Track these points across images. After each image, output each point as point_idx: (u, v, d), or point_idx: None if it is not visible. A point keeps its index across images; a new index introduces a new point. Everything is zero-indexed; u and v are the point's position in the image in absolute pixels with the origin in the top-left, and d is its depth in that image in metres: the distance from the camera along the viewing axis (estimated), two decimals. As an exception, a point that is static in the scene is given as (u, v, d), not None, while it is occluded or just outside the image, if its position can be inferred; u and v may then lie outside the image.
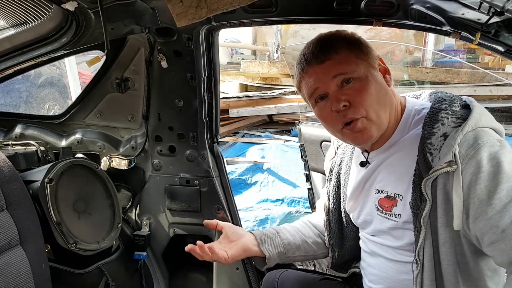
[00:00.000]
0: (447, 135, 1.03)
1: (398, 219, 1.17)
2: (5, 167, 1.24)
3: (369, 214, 1.28)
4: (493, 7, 0.94)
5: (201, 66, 1.57)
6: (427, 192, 1.03)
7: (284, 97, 6.12)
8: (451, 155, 0.98)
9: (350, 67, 1.10)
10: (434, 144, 1.04)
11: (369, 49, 1.16)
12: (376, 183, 1.23)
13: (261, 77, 6.62)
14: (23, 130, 1.81)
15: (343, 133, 1.15)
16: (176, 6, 1.05)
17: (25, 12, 1.27)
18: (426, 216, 1.05)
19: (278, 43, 7.05)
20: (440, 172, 1.00)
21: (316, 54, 1.12)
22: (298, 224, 1.55)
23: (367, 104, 1.09)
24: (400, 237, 1.19)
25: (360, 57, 1.12)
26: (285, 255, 1.43)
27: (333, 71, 1.10)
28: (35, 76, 6.78)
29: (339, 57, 1.10)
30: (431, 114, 1.09)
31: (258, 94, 6.16)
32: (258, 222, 3.73)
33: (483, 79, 6.09)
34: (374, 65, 1.14)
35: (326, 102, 1.14)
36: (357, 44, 1.14)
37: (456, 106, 1.09)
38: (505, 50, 1.19)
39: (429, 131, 1.06)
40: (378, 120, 1.11)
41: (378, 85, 1.11)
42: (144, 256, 1.82)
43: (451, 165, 0.98)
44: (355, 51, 1.12)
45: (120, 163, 1.77)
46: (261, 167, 4.49)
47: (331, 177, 1.46)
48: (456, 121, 1.04)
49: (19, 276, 1.19)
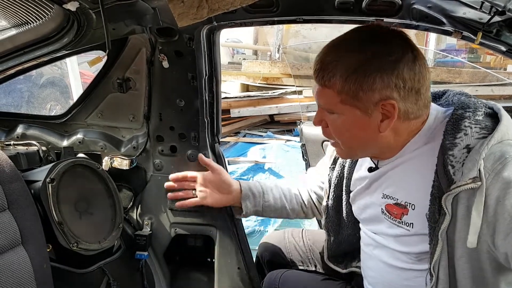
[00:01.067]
0: (470, 147, 0.97)
1: (410, 228, 1.13)
2: (7, 167, 1.24)
3: (374, 215, 1.25)
4: (495, 6, 0.93)
5: (202, 66, 1.57)
6: (447, 206, 0.98)
7: (286, 97, 6.12)
8: (476, 171, 0.93)
9: (334, 107, 1.06)
10: (456, 156, 0.98)
11: (374, 94, 1.00)
12: (384, 187, 1.19)
13: (262, 77, 6.62)
14: (25, 130, 1.82)
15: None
16: (177, 6, 1.05)
17: (26, 12, 1.27)
18: (444, 230, 1.00)
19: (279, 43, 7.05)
20: (463, 188, 0.95)
21: (317, 69, 1.06)
22: (286, 188, 1.63)
23: (340, 140, 1.11)
24: (407, 244, 1.16)
25: (347, 102, 1.03)
26: (260, 214, 1.60)
27: (319, 99, 1.10)
28: (36, 76, 6.80)
29: (328, 92, 1.04)
30: (453, 122, 1.02)
31: (259, 94, 6.16)
32: (260, 221, 3.72)
33: (485, 79, 6.08)
34: (368, 111, 1.03)
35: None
36: (355, 86, 1.01)
37: (480, 114, 1.01)
38: (506, 49, 1.19)
39: (451, 141, 0.99)
40: (349, 153, 1.13)
41: (360, 130, 1.06)
42: (145, 256, 1.82)
43: (475, 182, 0.92)
44: (344, 96, 1.02)
45: (121, 163, 1.77)
46: (262, 167, 4.49)
47: (334, 166, 1.42)
48: (480, 131, 0.98)
49: (21, 276, 1.19)
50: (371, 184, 1.24)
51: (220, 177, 1.62)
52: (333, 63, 1.02)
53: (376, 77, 0.99)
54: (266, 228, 3.69)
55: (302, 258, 1.73)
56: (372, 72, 0.99)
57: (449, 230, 1.00)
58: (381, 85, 0.99)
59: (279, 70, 6.67)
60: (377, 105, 1.01)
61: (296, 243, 1.77)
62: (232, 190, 1.60)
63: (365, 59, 1.00)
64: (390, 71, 0.99)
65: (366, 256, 1.34)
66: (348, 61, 1.01)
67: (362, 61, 1.00)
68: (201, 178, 1.65)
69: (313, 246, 1.73)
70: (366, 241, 1.33)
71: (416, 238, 1.13)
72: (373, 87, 0.99)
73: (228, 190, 1.60)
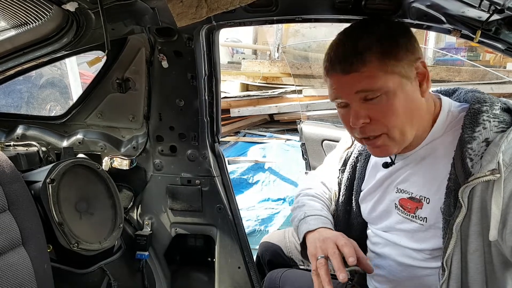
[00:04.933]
0: (489, 140, 0.96)
1: (423, 222, 1.12)
2: (7, 168, 1.25)
3: (386, 211, 1.24)
4: (494, 4, 0.93)
5: (201, 66, 1.58)
6: (464, 199, 0.97)
7: (285, 97, 6.12)
8: (495, 163, 0.92)
9: (377, 83, 0.97)
10: (475, 150, 0.97)
11: (408, 53, 1.00)
12: (398, 182, 1.18)
13: (262, 77, 6.62)
14: (25, 131, 1.82)
15: (362, 142, 1.10)
16: (176, 6, 1.05)
17: (26, 13, 1.27)
18: (459, 223, 0.99)
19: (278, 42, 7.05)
20: (481, 180, 0.94)
21: (341, 60, 0.98)
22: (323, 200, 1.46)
23: (391, 123, 1.00)
24: (421, 240, 1.15)
25: (392, 68, 0.97)
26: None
27: (357, 86, 0.98)
28: (36, 77, 6.79)
29: (366, 70, 0.96)
30: (472, 116, 1.00)
31: (259, 94, 6.16)
32: (260, 221, 3.73)
33: (484, 77, 6.08)
34: (409, 75, 1.00)
35: (348, 110, 1.05)
36: (393, 48, 0.98)
37: (497, 108, 1.00)
38: (505, 48, 1.19)
39: (470, 135, 0.98)
40: (401, 139, 1.03)
41: (408, 101, 1.00)
42: (146, 256, 1.83)
43: (494, 174, 0.92)
44: (388, 62, 0.97)
45: (121, 163, 1.77)
46: (262, 167, 4.49)
47: (344, 168, 1.40)
48: (498, 125, 0.97)
49: (22, 276, 1.19)
50: (384, 180, 1.23)
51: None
52: (359, 42, 0.98)
53: (405, 37, 1.01)
54: (266, 228, 3.70)
55: (302, 258, 1.73)
56: (400, 34, 1.01)
57: (463, 224, 0.99)
58: (411, 44, 1.01)
59: (278, 70, 6.67)
60: (413, 65, 1.01)
61: (297, 243, 1.77)
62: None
63: (387, 27, 1.01)
64: (410, 32, 1.03)
65: (374, 255, 1.32)
66: (374, 34, 1.00)
67: (386, 29, 1.01)
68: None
69: None
70: (374, 240, 1.32)
71: (429, 233, 1.12)
72: (407, 46, 1.00)
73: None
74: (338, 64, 0.99)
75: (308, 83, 6.37)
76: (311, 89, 6.13)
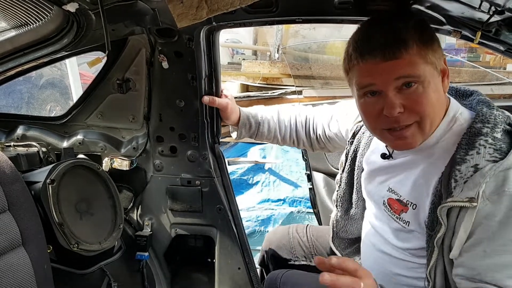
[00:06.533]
0: (478, 167, 0.95)
1: (406, 225, 1.15)
2: (7, 168, 1.24)
3: (376, 202, 1.28)
4: (494, 6, 0.94)
5: (202, 67, 1.58)
6: (443, 217, 0.99)
7: (285, 97, 6.11)
8: (475, 192, 0.93)
9: (418, 71, 0.97)
10: (462, 172, 0.97)
11: (440, 48, 1.02)
12: (391, 181, 1.20)
13: (262, 77, 6.61)
14: (25, 131, 1.82)
15: (384, 135, 1.08)
16: (176, 7, 1.05)
17: (26, 13, 1.27)
18: (440, 238, 1.01)
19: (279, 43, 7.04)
20: (458, 204, 0.95)
21: (383, 46, 0.97)
22: (287, 119, 1.69)
23: (425, 113, 1.00)
24: (404, 240, 1.18)
25: (429, 59, 0.99)
26: (253, 138, 1.69)
27: (399, 72, 0.97)
28: (36, 78, 6.79)
29: (408, 57, 0.96)
30: (469, 136, 1.00)
31: (259, 94, 6.15)
32: (260, 222, 3.73)
33: (484, 78, 6.07)
34: (438, 68, 1.02)
35: (378, 99, 1.03)
36: (430, 40, 1.00)
37: (499, 131, 0.98)
38: (505, 49, 1.19)
39: (462, 156, 0.98)
40: (429, 130, 1.04)
41: (437, 92, 1.01)
42: (146, 257, 1.83)
43: (471, 202, 0.93)
44: (426, 52, 0.98)
45: (121, 164, 1.77)
46: (262, 167, 4.49)
47: (352, 140, 1.41)
48: (492, 153, 0.96)
49: (22, 277, 1.19)
50: (379, 172, 1.25)
51: (225, 111, 1.65)
52: (401, 30, 0.98)
53: (435, 32, 1.03)
54: (266, 229, 3.69)
55: (305, 254, 1.75)
56: (431, 28, 1.03)
57: (444, 239, 1.02)
58: (439, 40, 1.02)
59: (278, 70, 6.66)
60: (442, 59, 1.03)
61: (300, 239, 1.79)
62: (232, 118, 1.66)
63: (421, 20, 1.02)
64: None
65: (365, 246, 1.38)
66: (412, 23, 1.00)
67: (421, 21, 1.02)
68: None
69: (317, 242, 1.76)
70: (366, 229, 1.37)
71: (411, 234, 1.15)
72: (439, 40, 1.02)
73: (228, 117, 1.67)
74: (379, 50, 0.97)
75: (308, 84, 6.36)
76: (311, 90, 6.12)
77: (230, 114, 1.63)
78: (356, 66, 1.03)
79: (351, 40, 1.06)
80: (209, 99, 1.59)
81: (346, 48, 1.08)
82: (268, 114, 1.69)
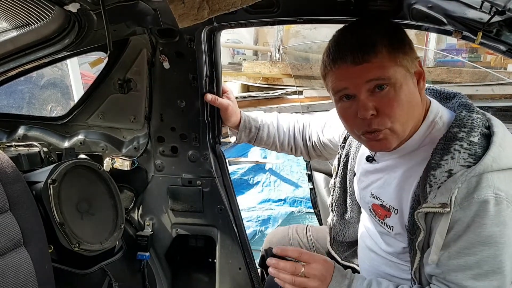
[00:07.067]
0: (452, 172, 0.96)
1: (390, 230, 1.18)
2: (8, 168, 1.25)
3: (364, 207, 1.33)
4: (495, 6, 0.93)
5: (203, 67, 1.58)
6: (420, 222, 1.01)
7: (286, 97, 6.11)
8: (447, 198, 0.94)
9: (388, 73, 0.99)
10: (436, 177, 0.98)
11: (411, 50, 1.05)
12: (373, 186, 1.23)
13: (262, 78, 6.61)
14: (26, 131, 1.82)
15: (360, 138, 1.10)
16: (178, 7, 1.05)
17: (27, 14, 1.27)
18: (420, 242, 1.04)
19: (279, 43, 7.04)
20: (431, 210, 0.97)
21: (353, 51, 1.00)
22: (286, 125, 1.70)
23: (396, 116, 1.01)
24: (390, 244, 1.22)
25: (400, 61, 1.01)
26: (251, 143, 1.70)
27: (369, 75, 1.00)
28: (37, 78, 6.79)
29: (378, 60, 0.99)
30: (445, 141, 1.01)
31: (260, 95, 6.15)
32: (261, 222, 3.73)
33: (485, 78, 6.07)
34: (412, 70, 1.04)
35: (352, 103, 1.05)
36: (400, 43, 1.03)
37: (475, 135, 0.99)
38: (506, 49, 1.19)
39: (437, 161, 0.99)
40: (402, 133, 1.05)
41: (411, 94, 1.03)
42: (147, 257, 1.83)
43: (444, 207, 0.94)
44: (396, 54, 1.01)
45: (122, 164, 1.77)
46: (263, 167, 4.49)
47: (344, 145, 1.43)
48: (466, 158, 0.96)
49: (23, 276, 1.19)
50: (364, 176, 1.28)
51: (226, 112, 1.65)
52: (370, 35, 1.01)
53: (406, 35, 1.05)
54: (266, 229, 3.69)
55: None
56: (402, 31, 1.06)
57: (424, 243, 1.05)
58: (411, 43, 1.05)
59: (279, 71, 6.66)
60: (414, 62, 1.05)
61: (300, 240, 1.79)
62: (232, 120, 1.66)
63: (391, 24, 1.06)
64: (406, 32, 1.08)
65: (361, 248, 1.40)
66: (381, 28, 1.04)
67: (391, 26, 1.06)
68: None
69: (317, 243, 1.76)
70: (361, 232, 1.40)
71: (396, 238, 1.18)
72: (410, 44, 1.04)
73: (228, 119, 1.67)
74: (350, 55, 1.00)
75: (309, 84, 6.36)
76: (312, 90, 6.12)
77: (230, 116, 1.63)
78: (330, 72, 1.07)
79: (326, 48, 1.10)
80: (211, 97, 1.59)
81: (322, 55, 1.12)
82: (268, 119, 1.70)
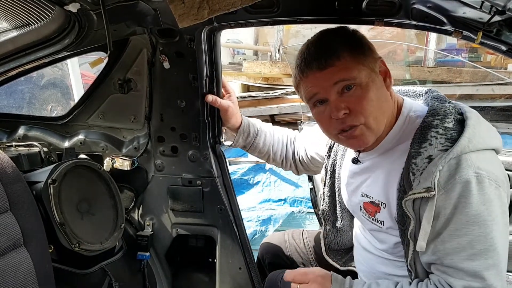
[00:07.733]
0: (432, 157, 1.01)
1: (381, 225, 1.20)
2: (9, 168, 1.25)
3: (354, 212, 1.35)
4: (495, 6, 0.94)
5: (203, 67, 1.58)
6: (409, 210, 1.03)
7: (286, 97, 6.11)
8: (430, 181, 0.98)
9: (352, 73, 1.06)
10: (418, 165, 1.03)
11: (371, 51, 1.12)
12: (363, 186, 1.26)
13: (263, 77, 6.61)
14: (26, 131, 1.82)
15: (338, 138, 1.15)
16: (178, 7, 1.05)
17: (28, 14, 1.27)
18: (412, 231, 1.06)
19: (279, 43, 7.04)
20: (417, 196, 1.00)
21: (317, 58, 1.08)
22: (281, 137, 1.72)
23: (367, 112, 1.07)
24: (382, 241, 1.25)
25: (362, 62, 1.08)
26: (246, 150, 1.71)
27: (335, 78, 1.07)
28: (37, 78, 6.79)
29: (341, 63, 1.06)
30: (421, 130, 1.07)
31: (260, 94, 6.14)
32: (261, 222, 3.73)
33: (485, 78, 6.07)
34: (375, 69, 1.11)
35: (325, 107, 1.12)
36: (359, 47, 1.10)
37: (449, 121, 1.05)
38: (507, 49, 1.19)
39: (416, 150, 1.04)
40: (376, 127, 1.10)
41: (378, 91, 1.09)
42: (147, 257, 1.83)
43: (429, 191, 0.98)
44: (357, 56, 1.08)
45: (122, 164, 1.77)
46: (263, 167, 4.48)
47: (329, 154, 1.47)
48: (444, 143, 1.02)
49: (23, 276, 1.19)
50: (352, 178, 1.31)
51: (226, 113, 1.65)
52: (331, 42, 1.10)
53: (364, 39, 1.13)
54: (267, 229, 3.69)
55: (302, 260, 1.74)
56: (360, 36, 1.13)
57: (416, 231, 1.06)
58: (371, 45, 1.13)
59: (279, 70, 6.66)
60: (377, 62, 1.12)
61: (297, 245, 1.78)
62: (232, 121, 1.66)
63: (349, 31, 1.14)
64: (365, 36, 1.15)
65: (357, 250, 1.42)
66: (341, 36, 1.12)
67: (349, 33, 1.13)
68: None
69: (314, 247, 1.76)
70: (356, 234, 1.42)
71: (388, 234, 1.20)
72: (369, 45, 1.12)
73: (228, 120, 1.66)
74: (315, 62, 1.08)
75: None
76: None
77: (230, 117, 1.63)
78: (301, 82, 1.15)
79: (294, 65, 1.18)
80: (212, 99, 1.59)
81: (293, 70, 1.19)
82: (265, 127, 1.72)
